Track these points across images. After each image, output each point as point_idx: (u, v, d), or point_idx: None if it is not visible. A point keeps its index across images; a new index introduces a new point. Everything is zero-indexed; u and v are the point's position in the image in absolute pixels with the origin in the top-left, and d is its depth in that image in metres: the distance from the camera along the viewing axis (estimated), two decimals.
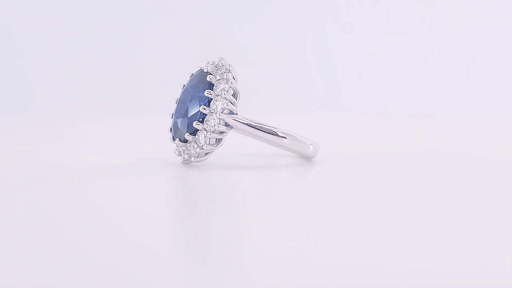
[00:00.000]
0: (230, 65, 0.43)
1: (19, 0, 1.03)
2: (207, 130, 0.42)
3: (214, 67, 0.43)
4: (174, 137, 0.44)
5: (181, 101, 0.44)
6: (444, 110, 1.09)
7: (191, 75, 0.45)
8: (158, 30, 1.07)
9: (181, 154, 0.44)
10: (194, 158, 0.43)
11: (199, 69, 0.45)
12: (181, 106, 0.44)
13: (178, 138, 0.44)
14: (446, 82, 1.09)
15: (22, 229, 0.31)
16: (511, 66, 1.09)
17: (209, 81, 0.43)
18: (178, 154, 0.44)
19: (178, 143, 0.44)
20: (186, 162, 0.44)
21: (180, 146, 0.44)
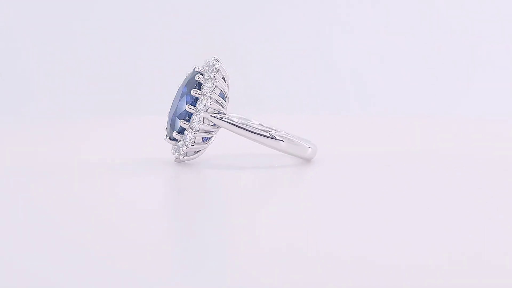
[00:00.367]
0: (219, 65, 0.44)
1: (19, 0, 1.03)
2: (192, 129, 0.43)
3: (206, 67, 0.44)
4: (166, 135, 0.45)
5: (174, 100, 0.45)
6: (444, 110, 1.09)
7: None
8: (157, 30, 1.07)
9: (174, 153, 0.45)
10: (182, 156, 0.44)
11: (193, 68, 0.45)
12: (173, 105, 0.45)
13: (169, 137, 0.44)
14: (446, 82, 1.09)
15: (20, 227, 0.30)
16: (511, 66, 1.09)
17: (197, 80, 0.43)
18: (173, 153, 0.45)
19: (169, 142, 0.44)
20: (178, 161, 0.45)
21: (172, 145, 0.45)
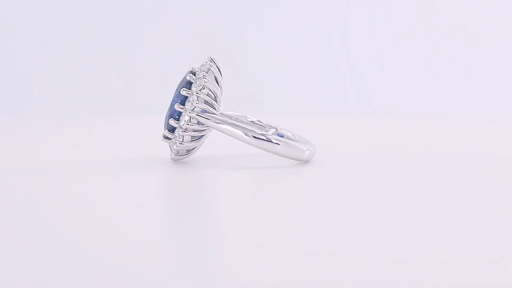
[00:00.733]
0: (211, 65, 0.44)
1: (19, 0, 1.03)
2: (181, 128, 0.43)
3: (200, 67, 0.44)
4: (163, 134, 0.45)
5: (172, 99, 0.45)
6: (444, 110, 1.09)
7: None
8: (157, 30, 1.07)
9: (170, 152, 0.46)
10: (174, 155, 0.44)
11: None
12: (171, 104, 0.45)
13: (163, 135, 0.45)
14: (446, 82, 1.09)
15: (19, 225, 0.30)
16: (511, 66, 1.09)
17: (188, 79, 0.44)
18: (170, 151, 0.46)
19: (163, 140, 0.45)
20: (174, 159, 0.45)
21: (168, 144, 0.45)
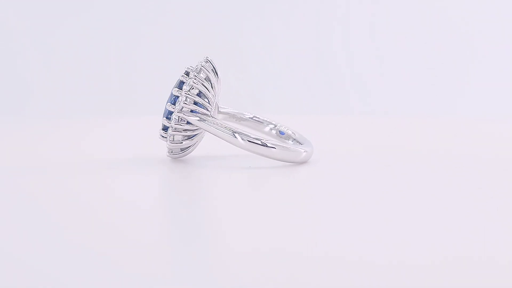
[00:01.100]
0: (203, 65, 0.44)
1: (19, 0, 1.03)
2: (172, 127, 0.44)
3: (195, 67, 0.45)
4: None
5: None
6: (444, 110, 1.09)
7: None
8: (157, 30, 1.07)
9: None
10: (168, 153, 0.45)
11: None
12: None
13: (160, 135, 0.45)
14: (447, 82, 1.09)
15: (18, 224, 0.31)
16: (511, 66, 1.09)
17: (180, 79, 0.44)
18: None
19: (160, 138, 0.45)
20: (170, 157, 0.46)
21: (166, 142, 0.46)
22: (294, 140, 0.49)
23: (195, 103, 0.43)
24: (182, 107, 0.43)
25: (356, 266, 0.26)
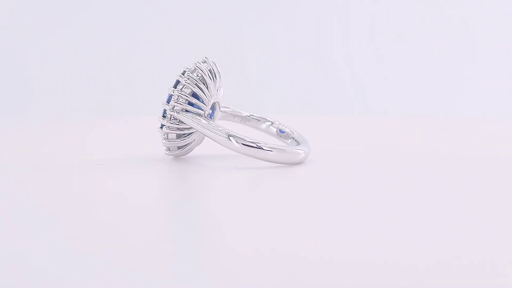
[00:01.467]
0: (198, 65, 0.44)
1: (19, 0, 1.03)
2: (165, 125, 0.44)
3: (190, 66, 0.45)
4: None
5: None
6: (444, 110, 1.09)
7: None
8: (157, 30, 1.07)
9: None
10: (166, 151, 0.46)
11: None
12: None
13: (158, 132, 0.46)
14: (446, 83, 1.09)
15: (18, 223, 0.31)
16: (511, 66, 1.09)
17: (177, 79, 0.45)
18: None
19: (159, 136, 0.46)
20: (169, 155, 0.46)
21: None
22: (292, 138, 0.49)
23: (190, 103, 0.44)
24: (174, 106, 0.44)
25: (355, 266, 0.26)
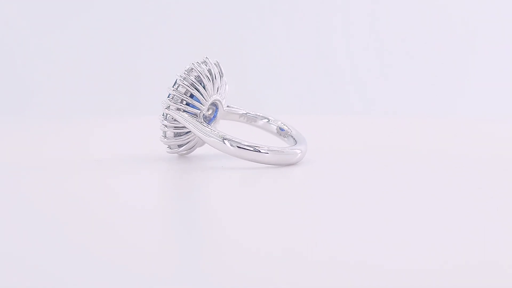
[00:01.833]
0: (195, 66, 0.45)
1: (19, 0, 1.03)
2: (162, 123, 0.45)
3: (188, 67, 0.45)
4: None
5: None
6: (444, 110, 1.09)
7: None
8: (157, 30, 1.07)
9: None
10: (167, 149, 0.46)
11: None
12: None
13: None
14: (447, 83, 1.09)
15: (18, 223, 0.31)
16: (511, 66, 1.09)
17: (176, 78, 0.45)
18: None
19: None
20: (170, 152, 0.46)
21: None
22: (290, 136, 0.49)
23: (187, 104, 0.44)
24: (169, 105, 0.44)
25: (355, 267, 0.26)
